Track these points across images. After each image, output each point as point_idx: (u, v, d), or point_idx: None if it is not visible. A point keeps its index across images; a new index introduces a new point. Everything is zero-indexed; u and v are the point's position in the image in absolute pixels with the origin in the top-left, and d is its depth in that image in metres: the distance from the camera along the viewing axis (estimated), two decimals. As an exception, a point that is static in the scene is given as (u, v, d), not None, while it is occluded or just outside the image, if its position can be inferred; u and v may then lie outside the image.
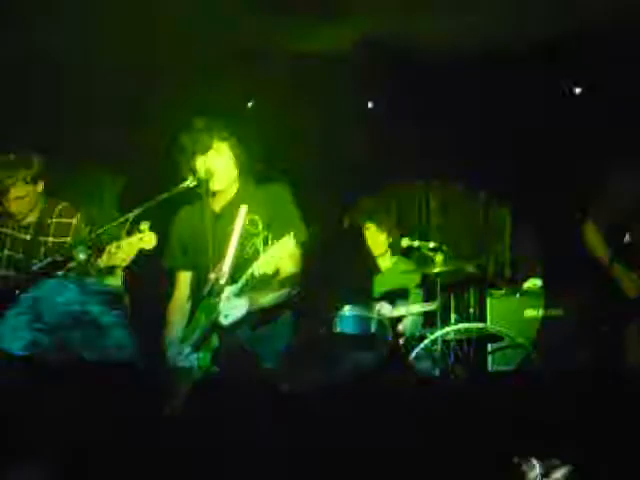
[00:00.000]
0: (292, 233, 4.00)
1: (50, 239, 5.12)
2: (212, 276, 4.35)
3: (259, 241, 4.25)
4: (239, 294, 4.16)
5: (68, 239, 5.11)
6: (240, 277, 4.16)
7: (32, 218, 5.14)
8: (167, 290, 4.78)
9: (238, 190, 4.53)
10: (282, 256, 4.03)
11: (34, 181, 5.05)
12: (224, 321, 4.17)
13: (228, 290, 4.17)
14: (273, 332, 4.47)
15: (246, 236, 4.35)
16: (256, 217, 4.35)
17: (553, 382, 5.55)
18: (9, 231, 5.15)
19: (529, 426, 3.27)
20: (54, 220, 5.15)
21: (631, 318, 5.48)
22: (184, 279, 4.70)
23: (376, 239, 7.08)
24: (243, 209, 4.37)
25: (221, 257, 4.36)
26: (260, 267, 4.03)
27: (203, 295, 4.41)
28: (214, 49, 6.74)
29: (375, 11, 6.14)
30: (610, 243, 5.55)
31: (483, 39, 6.71)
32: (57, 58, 6.28)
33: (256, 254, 4.15)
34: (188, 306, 4.64)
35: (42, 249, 5.09)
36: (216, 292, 4.31)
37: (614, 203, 5.58)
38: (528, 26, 6.48)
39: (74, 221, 5.17)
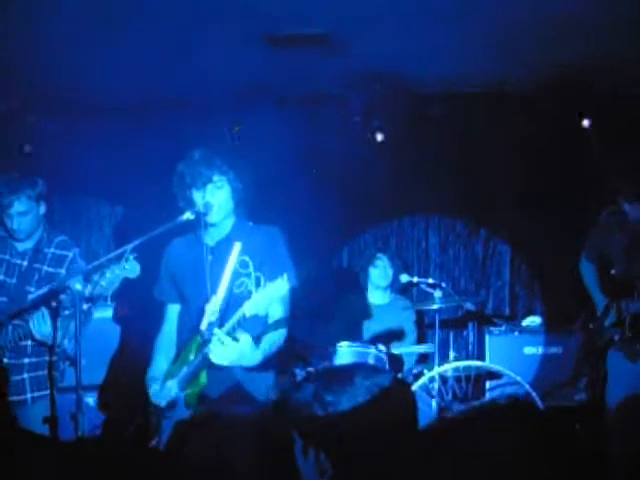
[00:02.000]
0: (285, 276, 3.95)
1: (45, 267, 5.12)
2: (207, 309, 4.31)
3: (250, 282, 4.22)
4: (230, 334, 4.08)
5: (62, 270, 5.12)
6: (230, 317, 4.13)
7: (29, 245, 5.15)
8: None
9: (233, 226, 4.50)
10: (274, 298, 3.99)
11: (37, 200, 5.07)
12: (215, 361, 4.10)
13: (219, 331, 4.08)
14: (265, 368, 4.40)
15: (237, 274, 4.31)
16: (247, 258, 4.30)
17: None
18: (6, 257, 5.15)
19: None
20: (51, 250, 5.16)
21: None
22: (172, 312, 4.65)
23: (384, 273, 7.07)
24: (237, 246, 4.34)
25: (213, 292, 4.32)
26: (252, 308, 3.99)
27: (193, 331, 4.37)
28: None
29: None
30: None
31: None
32: None
33: (247, 294, 4.12)
34: (174, 341, 4.59)
35: (36, 276, 5.09)
36: (207, 329, 4.26)
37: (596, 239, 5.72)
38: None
39: (70, 254, 5.18)
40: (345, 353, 6.20)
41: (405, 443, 2.25)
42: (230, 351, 4.06)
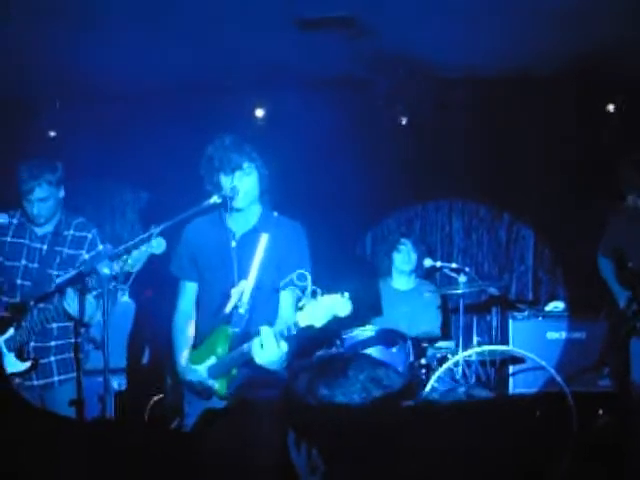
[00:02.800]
0: (347, 295, 3.93)
1: (65, 250, 5.15)
2: (234, 292, 4.35)
3: (307, 292, 4.20)
4: (277, 338, 4.08)
5: (83, 252, 5.14)
6: (267, 311, 4.26)
7: (49, 228, 5.17)
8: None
9: (260, 217, 4.50)
10: (332, 314, 3.95)
11: (57, 185, 5.09)
12: (258, 360, 4.11)
13: (266, 331, 4.07)
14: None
15: (290, 285, 4.27)
16: (306, 272, 4.28)
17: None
18: (26, 241, 5.17)
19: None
20: (70, 232, 5.18)
21: None
22: (190, 290, 4.66)
23: (408, 258, 7.07)
24: (264, 235, 4.39)
25: (242, 277, 4.37)
26: (306, 319, 3.96)
27: (216, 317, 4.42)
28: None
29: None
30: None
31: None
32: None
33: (300, 305, 4.11)
34: (192, 322, 4.62)
35: (57, 259, 5.12)
36: (235, 322, 4.32)
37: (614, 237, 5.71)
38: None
39: (90, 235, 5.20)
40: (370, 337, 6.21)
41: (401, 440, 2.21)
42: (267, 354, 4.07)
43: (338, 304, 3.91)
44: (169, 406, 4.61)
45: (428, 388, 6.10)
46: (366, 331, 6.24)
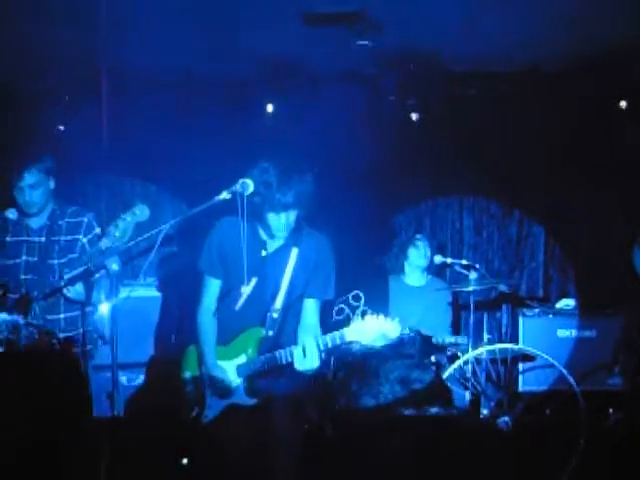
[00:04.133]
0: (397, 319, 4.20)
1: (63, 237, 5.19)
2: (244, 291, 4.49)
3: (358, 312, 4.39)
4: (320, 348, 4.29)
5: (80, 236, 5.19)
6: (308, 329, 4.47)
7: (43, 220, 5.22)
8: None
9: (291, 232, 4.51)
10: (382, 336, 4.20)
11: (47, 174, 5.13)
12: (299, 367, 4.31)
13: (310, 342, 4.29)
14: None
15: (344, 304, 4.54)
16: (360, 294, 4.50)
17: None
18: (23, 238, 5.20)
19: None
20: (65, 220, 5.24)
21: None
22: (214, 287, 4.67)
23: (424, 253, 7.06)
24: (295, 250, 4.52)
25: (269, 287, 4.52)
26: (353, 335, 4.22)
27: (242, 317, 4.53)
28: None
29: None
30: None
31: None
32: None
33: (347, 319, 4.28)
34: (214, 317, 4.66)
35: (56, 247, 5.16)
36: (269, 325, 4.48)
37: None
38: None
39: (85, 219, 5.25)
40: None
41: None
42: (308, 363, 4.30)
43: (388, 326, 4.19)
44: (188, 398, 4.65)
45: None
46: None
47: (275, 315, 4.47)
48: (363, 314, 4.24)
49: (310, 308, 4.59)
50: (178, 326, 6.32)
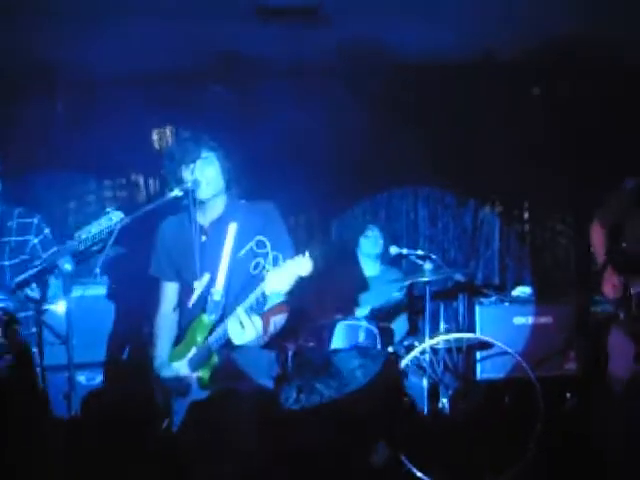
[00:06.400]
0: (307, 253, 3.95)
1: (13, 238, 5.09)
2: (197, 285, 4.35)
3: (268, 260, 4.21)
4: (249, 313, 4.08)
5: (31, 237, 5.09)
6: (245, 295, 4.12)
7: None
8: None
9: (226, 206, 4.47)
10: (295, 276, 3.97)
11: None
12: (236, 341, 4.11)
13: (237, 311, 4.08)
14: (262, 348, 4.43)
15: (250, 255, 4.32)
16: (264, 238, 4.30)
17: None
18: None
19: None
20: (15, 222, 5.13)
21: None
22: (171, 290, 4.62)
23: (375, 242, 7.08)
24: (232, 227, 4.35)
25: (206, 271, 4.35)
26: (272, 286, 3.97)
27: (192, 311, 4.39)
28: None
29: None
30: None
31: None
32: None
33: (264, 273, 4.10)
34: (175, 321, 4.58)
35: (7, 249, 5.06)
36: (212, 309, 4.30)
37: (615, 207, 5.56)
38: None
39: (35, 220, 5.15)
40: (337, 326, 6.20)
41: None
42: (248, 332, 4.07)
43: (299, 265, 3.93)
44: (159, 406, 4.52)
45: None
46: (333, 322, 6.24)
47: (217, 297, 4.30)
48: (275, 261, 4.10)
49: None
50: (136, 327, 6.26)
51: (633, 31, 6.23)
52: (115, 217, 4.17)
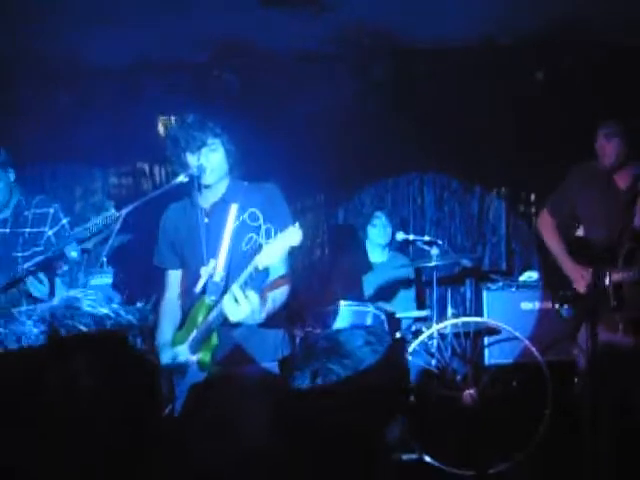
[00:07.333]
0: (297, 224, 3.88)
1: (28, 229, 5.07)
2: (203, 272, 4.31)
3: (260, 235, 4.19)
4: (243, 289, 3.97)
5: (46, 229, 5.06)
6: (242, 272, 4.01)
7: (9, 212, 5.09)
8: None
9: (228, 187, 4.44)
10: (287, 248, 3.91)
11: (3, 168, 5.01)
12: (232, 318, 3.99)
13: (232, 288, 3.97)
14: (268, 330, 4.41)
15: (244, 229, 4.31)
16: (256, 210, 4.28)
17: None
18: None
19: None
20: (31, 212, 5.10)
21: None
22: (174, 278, 4.61)
23: (383, 231, 7.07)
24: (234, 207, 4.33)
25: (211, 254, 4.31)
26: (264, 260, 3.90)
27: (196, 295, 4.34)
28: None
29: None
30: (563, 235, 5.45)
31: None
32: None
33: (257, 247, 4.08)
34: (179, 306, 4.56)
35: (20, 240, 5.04)
36: (212, 290, 4.25)
37: (566, 196, 5.48)
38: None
39: (51, 210, 5.12)
40: (343, 312, 6.20)
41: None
42: (243, 308, 3.95)
43: (290, 235, 3.86)
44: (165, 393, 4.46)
45: (403, 361, 6.10)
46: (340, 306, 6.23)
47: (217, 279, 4.24)
48: (267, 233, 4.07)
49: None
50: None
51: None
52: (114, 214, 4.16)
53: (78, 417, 1.93)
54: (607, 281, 4.95)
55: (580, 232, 5.38)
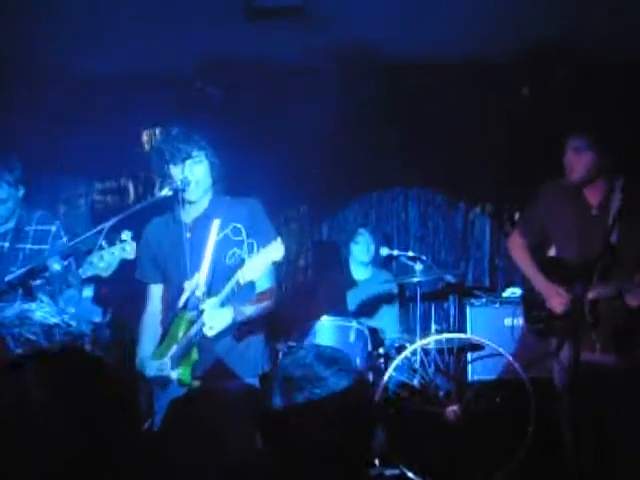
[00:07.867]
0: (279, 239, 3.95)
1: (28, 246, 5.02)
2: (187, 286, 4.30)
3: (244, 248, 4.20)
4: (224, 304, 4.08)
5: (46, 247, 4.97)
6: (223, 286, 4.09)
7: (10, 225, 5.05)
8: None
9: (210, 202, 4.45)
10: (269, 263, 3.98)
11: (16, 185, 4.97)
12: (209, 332, 4.08)
13: (211, 301, 4.08)
14: (249, 345, 4.41)
15: (226, 244, 4.30)
16: (239, 225, 4.29)
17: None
18: None
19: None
20: (32, 228, 5.06)
21: None
22: (156, 292, 4.60)
23: (366, 249, 7.05)
24: (216, 223, 4.33)
25: (194, 269, 4.31)
26: (246, 274, 3.97)
27: (177, 309, 4.34)
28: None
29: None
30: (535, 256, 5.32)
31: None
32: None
33: (240, 262, 4.09)
34: (159, 321, 4.54)
35: (20, 256, 4.99)
36: (193, 305, 4.25)
37: (536, 215, 5.32)
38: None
39: (53, 228, 5.08)
40: (327, 327, 6.19)
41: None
42: (216, 323, 4.07)
43: (272, 250, 3.93)
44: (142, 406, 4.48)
45: (386, 377, 6.08)
46: (324, 322, 6.22)
47: (198, 293, 4.24)
48: (250, 248, 4.11)
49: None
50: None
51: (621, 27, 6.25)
52: (129, 248, 4.13)
53: (32, 432, 1.91)
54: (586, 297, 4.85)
55: (552, 251, 5.29)
